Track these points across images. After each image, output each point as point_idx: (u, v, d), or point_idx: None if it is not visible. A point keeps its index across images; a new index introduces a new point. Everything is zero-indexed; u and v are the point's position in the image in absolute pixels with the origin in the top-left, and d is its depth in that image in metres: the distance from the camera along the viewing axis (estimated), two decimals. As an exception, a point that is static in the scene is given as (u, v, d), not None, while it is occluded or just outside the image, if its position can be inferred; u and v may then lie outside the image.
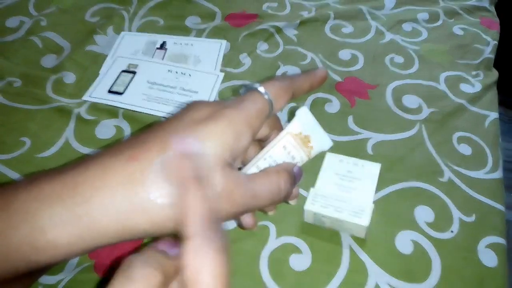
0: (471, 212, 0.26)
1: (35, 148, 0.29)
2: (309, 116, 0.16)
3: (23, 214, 0.12)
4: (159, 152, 0.13)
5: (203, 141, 0.13)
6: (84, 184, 0.12)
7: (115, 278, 0.11)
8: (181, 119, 0.14)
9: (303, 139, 0.16)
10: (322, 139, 0.17)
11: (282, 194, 0.15)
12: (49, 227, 0.12)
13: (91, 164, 0.13)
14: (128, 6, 0.40)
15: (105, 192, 0.12)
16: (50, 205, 0.12)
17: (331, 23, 0.39)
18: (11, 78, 0.34)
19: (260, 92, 0.15)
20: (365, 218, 0.23)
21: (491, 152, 0.29)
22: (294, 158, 0.17)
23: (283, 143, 0.16)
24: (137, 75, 0.34)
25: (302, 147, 0.16)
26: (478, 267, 0.23)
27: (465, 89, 0.34)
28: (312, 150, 0.17)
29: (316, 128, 0.17)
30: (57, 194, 0.12)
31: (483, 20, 0.40)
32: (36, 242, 0.12)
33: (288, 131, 0.16)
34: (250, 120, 0.14)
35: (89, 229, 0.12)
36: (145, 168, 0.12)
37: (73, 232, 0.12)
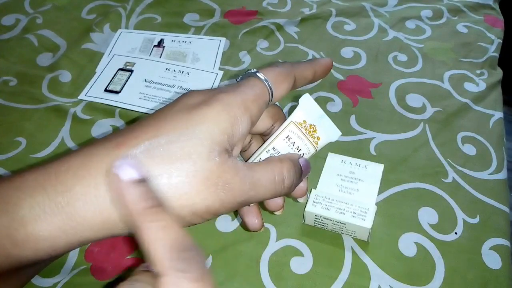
0: (475, 213, 0.25)
1: (31, 148, 0.29)
2: (313, 104, 0.15)
3: (3, 205, 0.11)
4: (147, 139, 0.12)
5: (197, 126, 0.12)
6: (67, 173, 0.12)
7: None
8: (173, 106, 0.13)
9: (308, 129, 0.15)
10: (329, 129, 0.15)
11: (285, 184, 0.14)
12: (30, 218, 0.11)
13: (76, 153, 0.12)
14: (125, 3, 0.40)
15: (88, 181, 0.11)
16: (31, 194, 0.11)
17: (333, 20, 0.38)
18: (7, 77, 0.33)
19: (259, 77, 0.14)
20: (368, 220, 0.23)
21: (496, 152, 0.29)
22: (300, 149, 0.15)
23: (286, 133, 0.15)
24: (134, 73, 0.34)
25: (307, 137, 0.15)
26: (482, 269, 0.23)
27: (469, 88, 0.33)
28: (319, 141, 0.15)
29: (322, 116, 0.15)
30: (40, 183, 0.11)
31: (487, 18, 0.39)
32: (15, 234, 0.11)
33: (292, 120, 0.15)
34: (247, 104, 0.13)
35: (71, 220, 0.11)
36: (132, 155, 0.12)
37: (54, 223, 0.11)
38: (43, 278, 0.22)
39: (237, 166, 0.13)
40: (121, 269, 0.23)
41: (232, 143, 0.13)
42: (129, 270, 0.23)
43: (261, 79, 0.14)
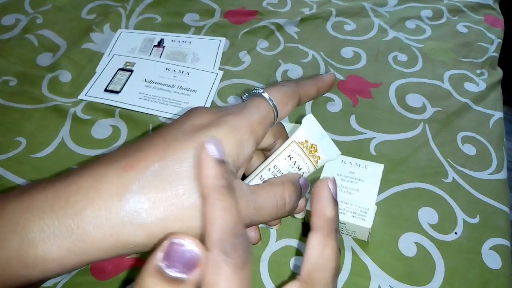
0: (475, 213, 0.25)
1: (31, 148, 0.29)
2: (315, 124, 0.16)
3: (13, 226, 0.11)
4: (157, 161, 0.12)
5: None
6: (77, 195, 0.12)
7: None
8: (181, 125, 0.13)
9: (309, 148, 0.16)
10: (329, 148, 0.16)
11: (287, 207, 0.14)
12: (40, 240, 0.11)
13: (85, 173, 0.12)
14: (125, 3, 0.40)
15: (99, 204, 0.12)
16: (41, 216, 0.12)
17: (333, 20, 0.38)
18: (7, 77, 0.33)
19: (264, 97, 0.14)
20: (368, 220, 0.23)
21: (496, 152, 0.29)
22: (300, 168, 0.16)
23: (288, 152, 0.15)
24: (134, 73, 0.34)
25: (308, 156, 0.16)
26: (482, 269, 0.23)
27: (469, 88, 0.33)
28: (319, 160, 0.16)
29: (323, 137, 0.16)
30: (49, 204, 0.12)
31: (487, 18, 0.39)
32: (26, 256, 0.11)
33: (294, 139, 0.15)
34: (253, 127, 0.13)
35: (81, 242, 0.11)
36: (141, 178, 0.12)
37: (64, 246, 0.11)
38: (43, 278, 0.22)
39: (242, 190, 0.13)
40: (121, 269, 0.23)
41: (237, 166, 0.13)
42: (131, 271, 0.23)
43: (267, 100, 0.14)
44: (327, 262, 0.12)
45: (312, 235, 0.12)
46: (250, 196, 0.13)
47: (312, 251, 0.12)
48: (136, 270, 0.23)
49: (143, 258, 0.23)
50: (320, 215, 0.12)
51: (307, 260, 0.12)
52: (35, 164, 0.28)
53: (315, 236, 0.12)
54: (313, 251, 0.12)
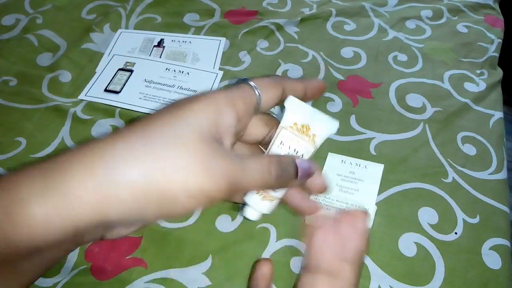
0: (475, 213, 0.25)
1: (31, 148, 0.29)
2: (300, 104, 0.15)
3: (6, 188, 0.12)
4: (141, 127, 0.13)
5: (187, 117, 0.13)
6: (65, 161, 0.12)
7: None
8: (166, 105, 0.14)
9: (302, 129, 0.15)
10: (324, 123, 0.15)
11: (272, 174, 0.14)
12: (28, 200, 0.12)
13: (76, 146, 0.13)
14: (125, 3, 0.40)
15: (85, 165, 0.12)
16: (30, 179, 0.12)
17: (333, 20, 0.38)
18: (7, 77, 0.33)
19: (248, 82, 0.15)
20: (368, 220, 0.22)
21: (496, 152, 0.29)
22: (297, 151, 0.15)
23: (280, 139, 0.15)
24: (134, 73, 0.34)
25: (302, 137, 0.15)
26: (482, 270, 0.23)
27: (470, 88, 0.33)
28: (316, 137, 0.15)
29: (314, 113, 0.15)
30: (39, 169, 0.12)
31: (487, 18, 0.39)
32: (14, 215, 0.12)
33: (282, 125, 0.15)
34: (233, 100, 0.14)
35: (67, 204, 0.12)
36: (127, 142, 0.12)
37: (50, 207, 0.12)
38: (43, 278, 0.22)
39: (228, 153, 0.13)
40: (121, 269, 0.23)
41: (220, 133, 0.14)
42: (131, 271, 0.23)
43: (249, 84, 0.15)
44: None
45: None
46: (236, 159, 0.13)
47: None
48: (136, 271, 0.23)
49: (142, 258, 0.23)
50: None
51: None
52: (35, 164, 0.28)
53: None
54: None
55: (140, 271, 0.23)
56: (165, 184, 0.12)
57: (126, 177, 0.12)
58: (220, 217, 0.25)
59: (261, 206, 0.16)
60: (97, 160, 0.12)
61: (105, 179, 0.12)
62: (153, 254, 0.23)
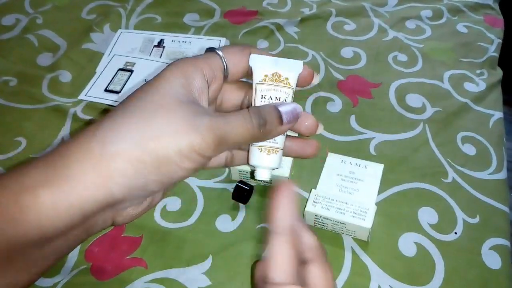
0: (475, 213, 0.25)
1: (31, 148, 0.29)
2: (263, 58, 0.16)
3: (13, 175, 0.13)
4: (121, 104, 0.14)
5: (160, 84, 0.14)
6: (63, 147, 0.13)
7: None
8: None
9: (273, 78, 0.16)
10: (290, 65, 0.16)
11: (254, 123, 0.15)
12: (35, 186, 0.12)
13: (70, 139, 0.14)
14: (125, 3, 0.40)
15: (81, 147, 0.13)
16: (36, 167, 0.13)
17: (333, 20, 0.38)
18: (7, 77, 0.33)
19: (214, 50, 0.16)
20: (368, 220, 0.23)
21: (495, 152, 0.29)
22: (278, 97, 0.16)
23: (259, 94, 0.16)
24: (134, 73, 0.34)
25: (277, 85, 0.16)
26: (481, 269, 0.23)
27: (469, 88, 0.33)
28: (290, 80, 0.16)
29: (277, 60, 0.16)
30: (43, 160, 0.13)
31: (487, 18, 0.39)
32: (23, 200, 0.12)
33: (255, 81, 0.16)
34: (197, 64, 0.15)
35: (73, 188, 0.12)
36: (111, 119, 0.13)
37: (57, 192, 0.12)
38: (43, 278, 0.22)
39: (209, 110, 0.15)
40: (121, 269, 0.23)
41: (194, 96, 0.14)
42: (132, 271, 0.23)
43: (215, 51, 0.16)
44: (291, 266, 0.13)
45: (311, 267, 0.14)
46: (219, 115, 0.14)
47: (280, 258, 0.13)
48: (136, 271, 0.23)
49: (142, 258, 0.23)
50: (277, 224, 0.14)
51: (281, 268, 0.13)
52: (35, 164, 0.28)
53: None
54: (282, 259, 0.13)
55: (140, 271, 0.23)
56: (158, 149, 0.13)
57: (120, 149, 0.13)
58: (220, 217, 0.25)
59: (268, 161, 0.16)
60: (92, 140, 0.13)
61: (101, 156, 0.13)
62: (153, 254, 0.23)
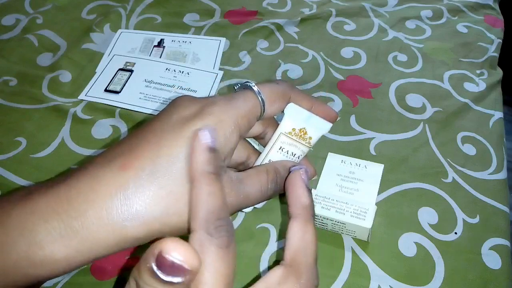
0: (475, 213, 0.25)
1: (31, 148, 0.29)
2: (298, 109, 0.16)
3: (20, 229, 0.12)
4: (150, 159, 0.13)
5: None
6: (78, 198, 0.12)
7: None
8: (169, 117, 0.14)
9: (299, 134, 0.16)
10: (318, 126, 0.16)
11: (269, 193, 0.15)
12: (47, 241, 0.12)
13: (83, 175, 0.13)
14: (125, 3, 0.40)
15: (99, 205, 0.12)
16: (46, 220, 0.12)
17: (333, 20, 0.38)
18: (7, 77, 0.33)
19: (254, 91, 0.15)
20: (368, 220, 0.23)
21: (496, 152, 0.29)
22: (294, 154, 0.16)
23: (279, 145, 0.16)
24: (134, 73, 0.34)
25: (299, 141, 0.16)
26: (482, 270, 0.23)
27: (469, 88, 0.33)
28: (312, 140, 0.16)
29: (310, 117, 0.16)
30: (52, 208, 0.12)
31: (487, 18, 0.39)
32: (34, 257, 0.12)
33: (281, 131, 0.16)
34: (237, 120, 0.14)
35: (86, 241, 0.12)
36: (137, 178, 0.12)
37: (70, 246, 0.12)
38: (43, 278, 0.22)
39: (232, 181, 0.14)
40: (121, 269, 0.23)
41: (224, 159, 0.14)
42: (129, 270, 0.23)
43: (256, 93, 0.15)
44: (309, 246, 0.13)
45: (292, 222, 0.13)
46: (239, 186, 0.14)
47: (294, 237, 0.13)
48: (136, 270, 0.23)
49: (143, 258, 0.23)
50: (298, 204, 0.13)
51: (290, 246, 0.13)
52: (36, 164, 0.28)
53: (295, 223, 0.13)
54: (295, 237, 0.13)
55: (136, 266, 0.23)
56: (177, 219, 0.13)
57: (141, 211, 0.12)
58: (220, 217, 0.25)
59: None
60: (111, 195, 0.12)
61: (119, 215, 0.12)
62: (153, 254, 0.23)
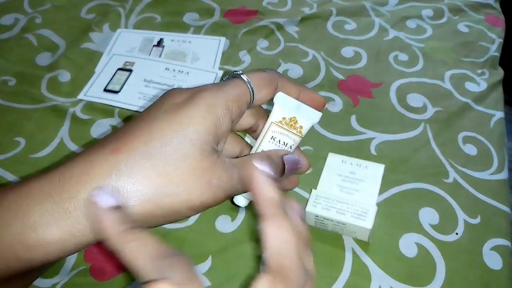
0: (476, 214, 0.25)
1: (30, 148, 0.29)
2: (287, 99, 0.16)
3: (14, 212, 0.12)
4: (143, 142, 0.13)
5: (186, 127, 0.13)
6: (71, 180, 0.12)
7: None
8: (160, 106, 0.14)
9: (289, 123, 0.16)
10: (308, 115, 0.16)
11: None
12: (40, 224, 0.12)
13: (77, 160, 0.13)
14: (124, 3, 0.40)
15: (91, 186, 0.12)
16: (39, 202, 0.12)
17: (334, 19, 0.38)
18: (6, 77, 0.33)
19: (242, 79, 0.15)
20: (368, 220, 0.22)
21: (497, 152, 0.29)
22: (286, 143, 0.16)
23: (270, 135, 0.16)
24: (133, 73, 0.33)
25: (290, 130, 0.16)
26: (483, 270, 0.23)
27: (470, 87, 0.33)
28: (303, 129, 0.17)
29: (299, 106, 0.16)
30: (46, 191, 0.12)
31: (488, 17, 0.39)
32: (27, 239, 0.12)
33: (272, 120, 0.16)
34: (228, 104, 0.14)
35: (79, 223, 0.12)
36: (129, 159, 0.13)
37: (63, 227, 0.12)
38: (42, 279, 0.22)
39: (225, 164, 0.14)
40: (120, 269, 0.23)
41: (217, 142, 0.14)
42: (128, 271, 0.23)
43: (244, 81, 0.15)
44: (289, 244, 0.12)
45: (264, 223, 0.12)
46: (232, 169, 0.14)
47: (270, 239, 0.12)
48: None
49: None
50: (264, 201, 0.12)
51: (269, 249, 0.12)
52: (35, 164, 0.28)
53: (268, 223, 0.12)
54: (272, 238, 0.12)
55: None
56: (171, 205, 0.13)
57: (133, 192, 0.12)
58: (220, 218, 0.25)
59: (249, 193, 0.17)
60: (104, 176, 0.12)
61: None
62: (153, 255, 0.23)
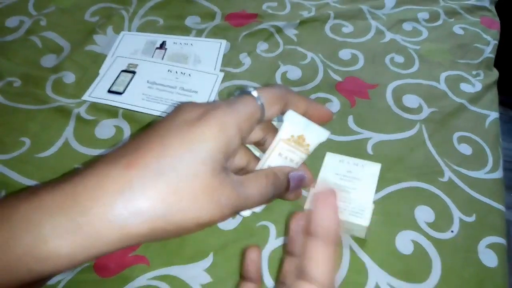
0: (471, 212, 0.26)
1: (35, 148, 0.29)
2: (297, 117, 0.17)
3: (25, 224, 0.12)
4: (155, 158, 0.13)
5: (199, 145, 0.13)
6: (84, 194, 0.13)
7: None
8: (173, 120, 0.14)
9: (297, 140, 0.17)
10: (317, 134, 0.17)
11: (269, 196, 0.15)
12: (52, 237, 0.12)
13: (89, 173, 0.13)
14: (127, 6, 0.40)
15: (104, 202, 0.12)
16: (51, 215, 0.12)
17: (331, 22, 0.39)
18: (11, 78, 0.34)
19: (253, 96, 0.15)
20: (365, 218, 0.23)
21: (491, 152, 0.29)
22: (293, 160, 0.17)
23: (278, 151, 0.17)
24: (136, 75, 0.34)
25: (298, 148, 0.17)
26: (478, 267, 0.23)
27: (466, 88, 0.34)
28: (310, 146, 0.17)
29: (308, 125, 0.17)
30: (58, 204, 0.12)
31: (483, 20, 0.40)
32: (38, 252, 0.12)
33: (280, 137, 0.17)
34: (240, 124, 0.14)
35: (91, 238, 0.12)
36: (142, 176, 0.13)
37: (75, 242, 0.12)
38: (47, 275, 0.23)
39: (233, 183, 0.14)
40: (124, 266, 0.23)
41: (227, 160, 0.14)
42: (134, 268, 0.23)
43: (255, 98, 0.15)
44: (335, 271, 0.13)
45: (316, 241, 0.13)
46: (239, 188, 0.14)
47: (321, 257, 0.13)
48: (138, 268, 0.23)
49: (144, 256, 0.24)
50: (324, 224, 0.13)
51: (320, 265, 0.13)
52: (39, 164, 0.28)
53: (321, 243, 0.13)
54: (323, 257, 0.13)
55: (142, 268, 0.23)
56: (181, 217, 0.13)
57: (146, 208, 0.12)
58: (221, 215, 0.25)
59: None
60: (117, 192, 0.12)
61: (123, 211, 0.12)
62: (155, 252, 0.24)
